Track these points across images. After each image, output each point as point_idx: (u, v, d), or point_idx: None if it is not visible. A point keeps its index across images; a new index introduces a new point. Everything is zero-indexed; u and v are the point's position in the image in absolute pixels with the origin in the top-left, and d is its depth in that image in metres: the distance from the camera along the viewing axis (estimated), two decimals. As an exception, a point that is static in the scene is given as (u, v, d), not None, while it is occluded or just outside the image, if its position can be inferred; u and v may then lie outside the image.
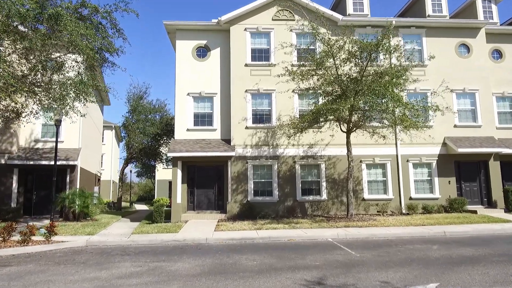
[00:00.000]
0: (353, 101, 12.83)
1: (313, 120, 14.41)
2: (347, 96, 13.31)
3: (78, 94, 13.42)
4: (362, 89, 13.14)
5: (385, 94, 12.63)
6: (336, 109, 12.87)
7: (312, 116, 14.01)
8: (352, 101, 12.80)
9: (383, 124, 14.76)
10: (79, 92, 13.39)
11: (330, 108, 12.99)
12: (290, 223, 15.07)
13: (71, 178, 19.21)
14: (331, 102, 13.73)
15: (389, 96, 12.69)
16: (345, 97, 13.32)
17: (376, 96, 12.72)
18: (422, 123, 13.62)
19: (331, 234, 12.63)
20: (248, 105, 17.99)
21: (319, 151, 17.87)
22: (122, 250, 10.94)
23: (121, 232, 14.12)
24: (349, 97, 13.17)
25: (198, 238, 12.26)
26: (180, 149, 17.17)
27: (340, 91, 14.22)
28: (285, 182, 17.60)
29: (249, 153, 17.68)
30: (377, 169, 18.27)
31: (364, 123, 14.92)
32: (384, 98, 12.90)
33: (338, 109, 12.83)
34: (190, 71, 18.61)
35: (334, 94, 14.41)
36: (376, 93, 12.68)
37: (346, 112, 14.62)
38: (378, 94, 12.69)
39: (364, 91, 13.04)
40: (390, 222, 14.94)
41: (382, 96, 12.72)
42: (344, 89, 13.95)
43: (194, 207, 17.97)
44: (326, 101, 13.87)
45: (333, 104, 13.19)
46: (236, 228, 14.04)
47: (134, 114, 29.32)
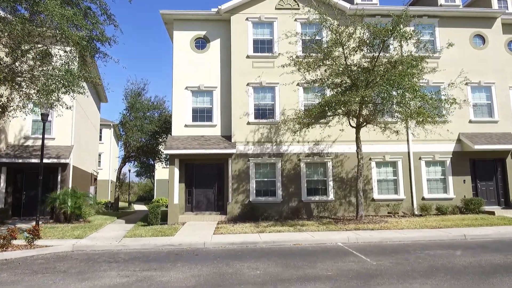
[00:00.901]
0: (365, 92, 11.69)
1: (320, 114, 13.31)
2: (357, 87, 12.19)
3: (65, 85, 12.35)
4: (374, 79, 12.03)
5: (400, 83, 11.51)
6: (346, 101, 11.75)
7: (319, 109, 12.90)
8: (363, 92, 11.66)
9: (396, 118, 13.63)
10: (66, 83, 12.33)
11: (340, 100, 11.88)
12: (295, 225, 13.99)
13: (63, 177, 18.17)
14: (341, 93, 12.62)
15: (405, 86, 11.56)
16: (356, 88, 12.20)
17: (391, 86, 11.59)
18: (441, 116, 12.48)
19: (341, 237, 11.54)
20: (250, 99, 16.90)
21: (326, 148, 16.77)
22: (110, 256, 9.86)
23: (113, 235, 13.06)
24: (360, 87, 12.05)
25: (195, 242, 11.18)
26: (177, 146, 16.10)
27: (349, 82, 13.12)
28: (290, 182, 16.51)
29: (251, 151, 16.60)
30: (387, 167, 17.15)
31: (376, 117, 13.80)
32: (399, 89, 11.77)
33: (348, 101, 11.71)
34: (189, 63, 17.54)
35: (343, 86, 13.30)
36: (391, 83, 11.56)
37: (356, 105, 13.52)
38: (393, 84, 11.57)
39: (377, 81, 11.92)
40: (403, 224, 13.84)
41: (398, 86, 11.60)
42: (354, 80, 12.85)
43: (192, 208, 16.89)
44: (335, 93, 12.73)
45: (343, 95, 12.06)
46: (237, 231, 12.96)
47: (131, 111, 28.27)
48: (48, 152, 17.88)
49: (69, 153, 18.12)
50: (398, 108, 12.93)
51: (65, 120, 18.84)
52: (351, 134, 16.46)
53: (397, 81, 11.49)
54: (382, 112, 13.57)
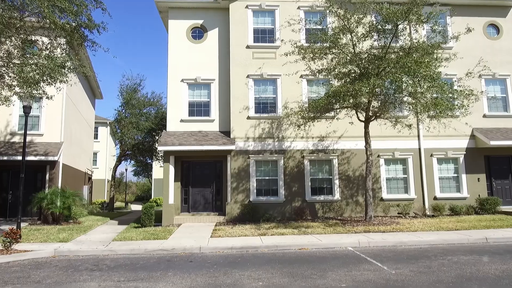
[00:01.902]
0: (376, 81, 10.59)
1: (327, 107, 12.23)
2: (368, 76, 11.11)
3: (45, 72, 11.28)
4: (387, 66, 10.96)
5: (417, 71, 10.42)
6: (357, 90, 10.65)
7: (326, 100, 11.81)
8: (374, 81, 10.56)
9: (409, 110, 12.56)
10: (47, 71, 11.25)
11: (350, 89, 10.79)
12: (299, 227, 12.92)
13: (51, 175, 17.11)
14: (350, 83, 11.53)
15: (423, 74, 10.48)
16: (366, 77, 11.12)
17: (406, 74, 10.51)
18: (461, 107, 11.40)
19: (351, 241, 10.47)
20: (250, 92, 15.83)
21: (331, 145, 15.69)
22: (94, 263, 8.80)
23: (102, 238, 11.99)
24: (371, 76, 10.97)
25: (190, 246, 10.11)
26: (172, 142, 15.02)
27: (358, 71, 12.04)
28: (293, 180, 15.44)
29: (251, 147, 15.52)
30: (396, 164, 16.09)
31: (387, 110, 12.72)
32: (415, 77, 10.68)
33: (359, 90, 10.62)
34: (185, 54, 16.46)
35: (352, 76, 12.21)
36: (406, 71, 10.49)
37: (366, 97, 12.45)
38: (408, 72, 10.49)
39: (389, 69, 10.85)
40: (417, 226, 12.78)
41: (413, 74, 10.52)
42: (364, 69, 11.78)
43: (188, 209, 15.82)
44: (344, 83, 11.63)
45: (352, 85, 10.97)
46: (237, 234, 11.89)
47: (127, 108, 27.18)
48: (35, 149, 16.83)
49: (58, 150, 17.04)
50: (412, 100, 11.86)
51: (54, 115, 17.79)
52: (358, 129, 15.39)
53: (413, 68, 10.40)
54: (394, 104, 12.48)
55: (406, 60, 10.61)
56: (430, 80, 10.66)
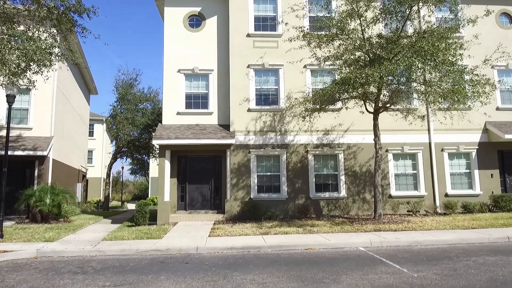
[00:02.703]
0: (390, 65, 9.69)
1: (334, 95, 11.35)
2: (380, 61, 10.23)
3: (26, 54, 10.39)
4: (401, 51, 10.09)
5: (434, 55, 9.54)
6: (369, 75, 9.75)
7: (334, 88, 10.91)
8: (387, 66, 9.67)
9: (421, 99, 11.68)
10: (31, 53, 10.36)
11: (362, 74, 9.89)
12: (303, 225, 12.05)
13: (40, 171, 16.19)
14: (360, 69, 10.64)
15: (440, 58, 9.60)
16: (378, 63, 10.24)
17: (422, 58, 9.64)
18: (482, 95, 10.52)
19: (362, 241, 9.60)
20: (251, 83, 14.95)
21: (337, 139, 14.82)
22: (79, 265, 7.90)
23: (91, 237, 11.09)
24: (384, 59, 10.09)
25: (186, 246, 9.22)
26: (168, 135, 14.13)
27: (368, 58, 11.16)
28: (296, 176, 14.56)
29: (252, 141, 14.64)
30: (406, 160, 15.22)
31: (399, 99, 11.85)
32: (432, 62, 9.79)
33: (371, 76, 9.73)
34: (182, 43, 15.57)
35: (361, 63, 11.33)
36: (422, 55, 9.61)
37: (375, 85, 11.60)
38: (425, 56, 9.61)
39: (404, 53, 9.98)
40: (430, 224, 11.92)
41: (430, 58, 9.64)
42: (374, 55, 10.91)
43: (185, 206, 14.92)
44: (353, 70, 10.71)
45: (364, 69, 10.07)
46: (237, 233, 11.01)
47: (122, 103, 26.26)
48: (23, 143, 15.92)
49: (48, 144, 16.12)
50: (426, 89, 10.98)
51: (44, 108, 16.88)
52: (365, 122, 14.55)
53: (431, 51, 9.52)
54: (406, 94, 11.60)
55: (422, 43, 9.73)
56: (449, 65, 9.80)
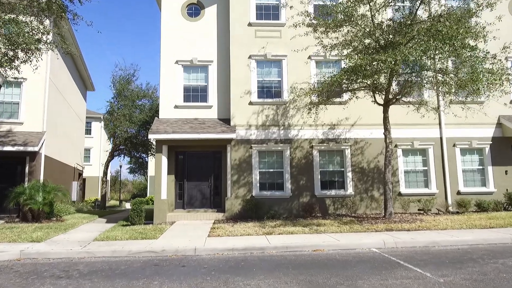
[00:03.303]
0: (406, 50, 8.91)
1: (342, 85, 10.56)
2: (394, 47, 9.45)
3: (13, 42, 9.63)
4: (417, 35, 9.31)
5: (452, 38, 8.77)
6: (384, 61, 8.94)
7: (344, 77, 10.12)
8: (404, 51, 8.87)
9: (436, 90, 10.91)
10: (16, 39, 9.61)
11: (376, 60, 9.11)
12: (309, 225, 11.28)
13: (31, 168, 15.43)
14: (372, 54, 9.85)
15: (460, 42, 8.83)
16: (393, 47, 9.46)
17: (440, 42, 8.86)
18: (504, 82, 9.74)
19: (374, 241, 8.84)
20: (253, 75, 14.18)
21: (343, 133, 14.06)
22: (64, 268, 7.14)
23: (82, 237, 10.33)
24: (399, 44, 9.30)
25: (183, 248, 8.46)
26: (165, 129, 13.37)
27: (378, 45, 10.38)
28: (300, 173, 13.80)
29: (253, 136, 13.88)
30: (416, 155, 14.46)
31: (410, 90, 11.07)
32: (450, 46, 9.01)
33: (385, 62, 8.92)
34: (179, 34, 14.80)
35: (371, 50, 10.53)
36: (440, 38, 8.83)
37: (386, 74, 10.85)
38: (443, 39, 8.83)
39: (420, 37, 9.19)
40: (445, 223, 11.15)
41: (449, 41, 8.86)
42: (386, 41, 10.14)
43: (183, 205, 14.16)
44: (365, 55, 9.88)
45: (378, 55, 9.28)
46: (238, 233, 10.24)
47: (119, 99, 25.50)
48: (14, 138, 15.16)
49: (39, 140, 15.36)
50: (442, 78, 10.20)
51: (35, 102, 16.12)
52: (373, 115, 13.83)
53: (449, 35, 8.74)
54: (420, 84, 10.81)
55: (439, 26, 8.94)
56: (470, 49, 9.03)
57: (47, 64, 16.50)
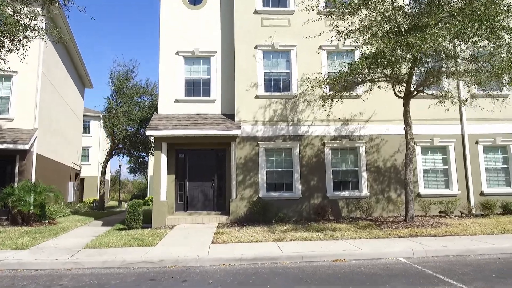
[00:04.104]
0: (440, 31, 7.83)
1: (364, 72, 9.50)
2: (422, 29, 8.38)
3: None
4: (448, 16, 8.25)
5: (490, 19, 7.68)
6: (411, 45, 7.87)
7: (365, 64, 9.04)
8: (436, 32, 7.79)
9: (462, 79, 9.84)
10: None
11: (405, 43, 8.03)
12: (323, 230, 10.23)
13: (22, 167, 14.39)
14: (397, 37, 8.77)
15: (499, 24, 7.77)
16: (421, 30, 8.39)
17: (477, 23, 7.79)
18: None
19: (401, 250, 7.79)
20: (259, 67, 13.13)
21: (357, 129, 13.00)
22: (46, 283, 6.12)
23: (72, 244, 9.29)
24: (428, 26, 8.23)
25: (184, 257, 7.42)
26: (164, 125, 12.34)
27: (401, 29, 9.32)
28: (311, 172, 12.74)
29: (260, 132, 12.84)
30: (435, 154, 13.39)
31: (436, 80, 10.01)
32: (488, 27, 7.94)
33: (413, 46, 7.86)
34: (180, 22, 13.77)
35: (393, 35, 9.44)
36: (476, 19, 7.75)
37: (405, 68, 9.83)
38: (479, 20, 7.76)
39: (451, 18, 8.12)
40: (473, 228, 10.09)
41: (486, 22, 7.78)
42: (410, 25, 9.08)
43: (184, 207, 13.12)
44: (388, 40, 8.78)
45: (407, 36, 8.19)
46: (245, 239, 9.20)
47: (118, 96, 24.46)
48: (3, 135, 14.14)
49: (31, 137, 14.34)
50: (472, 65, 9.13)
51: (27, 97, 15.09)
52: (390, 110, 12.81)
53: (486, 15, 7.68)
54: (447, 73, 9.74)
55: (475, 5, 7.88)
56: (510, 30, 7.97)
57: (39, 56, 15.49)
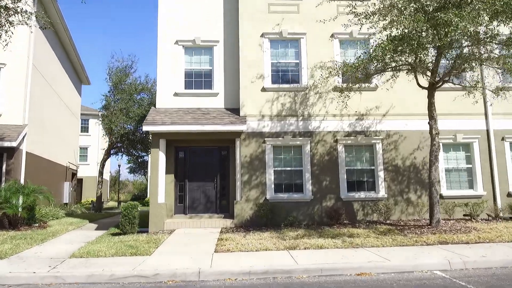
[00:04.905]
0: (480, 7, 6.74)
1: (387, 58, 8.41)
2: (460, 5, 7.30)
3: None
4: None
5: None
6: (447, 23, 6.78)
7: (392, 46, 7.91)
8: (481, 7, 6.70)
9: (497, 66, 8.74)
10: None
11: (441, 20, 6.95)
12: (339, 235, 9.15)
13: (9, 167, 13.38)
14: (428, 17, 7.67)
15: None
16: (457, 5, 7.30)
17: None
18: None
19: (436, 261, 6.70)
20: (266, 56, 12.06)
21: (373, 125, 11.91)
22: (15, 305, 5.06)
23: (58, 252, 8.25)
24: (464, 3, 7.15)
25: (183, 270, 6.35)
26: (162, 120, 11.27)
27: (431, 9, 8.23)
28: (323, 172, 11.66)
29: (267, 128, 11.76)
30: (458, 151, 12.30)
31: (468, 67, 8.91)
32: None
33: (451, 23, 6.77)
34: (180, 9, 12.70)
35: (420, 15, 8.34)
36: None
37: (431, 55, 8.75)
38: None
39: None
40: (508, 233, 8.99)
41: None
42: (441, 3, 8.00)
43: (184, 209, 12.05)
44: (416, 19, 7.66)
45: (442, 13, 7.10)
46: (253, 247, 8.12)
47: (116, 92, 23.43)
48: (-11, 132, 13.14)
49: (19, 134, 13.31)
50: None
51: (15, 91, 14.07)
52: (408, 104, 11.77)
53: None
54: (479, 60, 8.64)
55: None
56: None
57: (29, 48, 14.48)
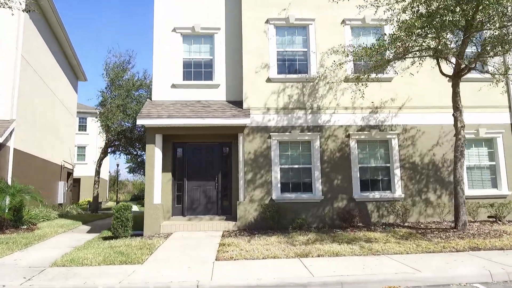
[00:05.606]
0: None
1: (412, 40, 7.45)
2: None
3: None
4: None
5: None
6: None
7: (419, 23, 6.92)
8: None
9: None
10: None
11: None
12: (355, 240, 8.18)
13: (-5, 165, 12.47)
14: None
15: None
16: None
17: None
18: None
19: (474, 272, 5.76)
20: (271, 44, 11.09)
21: (388, 118, 10.94)
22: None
23: (39, 259, 7.33)
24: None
25: (178, 283, 5.40)
26: (158, 113, 10.32)
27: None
28: (334, 170, 10.69)
29: (273, 122, 10.80)
30: (480, 147, 11.32)
31: (500, 52, 7.96)
32: None
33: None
34: (178, -5, 11.77)
35: None
36: None
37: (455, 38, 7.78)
38: None
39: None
40: (545, 238, 8.03)
41: None
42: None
43: (183, 211, 11.09)
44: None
45: None
46: (259, 253, 7.15)
47: (112, 88, 22.51)
48: (-27, 128, 12.23)
49: (5, 129, 12.40)
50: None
51: (2, 85, 13.15)
52: (425, 96, 10.88)
53: None
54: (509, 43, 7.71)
55: None
56: None
57: (17, 38, 13.58)
